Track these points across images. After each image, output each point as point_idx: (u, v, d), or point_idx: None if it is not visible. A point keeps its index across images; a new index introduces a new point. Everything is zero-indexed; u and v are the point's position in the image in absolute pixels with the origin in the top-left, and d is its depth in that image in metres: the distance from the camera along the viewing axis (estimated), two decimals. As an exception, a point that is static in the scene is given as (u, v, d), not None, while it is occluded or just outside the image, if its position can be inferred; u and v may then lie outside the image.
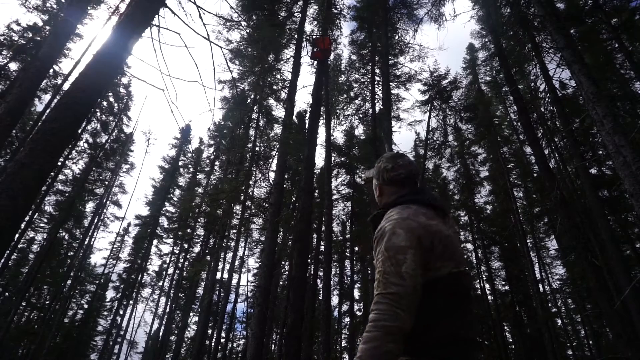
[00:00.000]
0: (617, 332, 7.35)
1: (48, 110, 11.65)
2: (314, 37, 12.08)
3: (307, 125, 11.07)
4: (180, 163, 28.57)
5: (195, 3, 4.39)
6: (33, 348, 20.35)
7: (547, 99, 11.40)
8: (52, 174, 16.74)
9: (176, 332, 24.10)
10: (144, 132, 31.90)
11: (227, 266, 19.46)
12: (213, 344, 18.58)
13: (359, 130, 20.56)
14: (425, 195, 1.45)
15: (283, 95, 13.79)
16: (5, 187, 2.60)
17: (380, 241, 1.29)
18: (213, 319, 19.11)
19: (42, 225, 22.94)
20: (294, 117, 12.96)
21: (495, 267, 21.14)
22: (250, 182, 14.74)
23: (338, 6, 14.16)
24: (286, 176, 13.30)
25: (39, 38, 14.86)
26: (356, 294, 23.15)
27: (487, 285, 20.17)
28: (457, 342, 1.20)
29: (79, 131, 18.98)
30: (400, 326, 1.12)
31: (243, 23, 12.02)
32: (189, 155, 28.48)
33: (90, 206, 25.13)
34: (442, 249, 1.27)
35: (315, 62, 11.81)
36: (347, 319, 22.60)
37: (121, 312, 26.82)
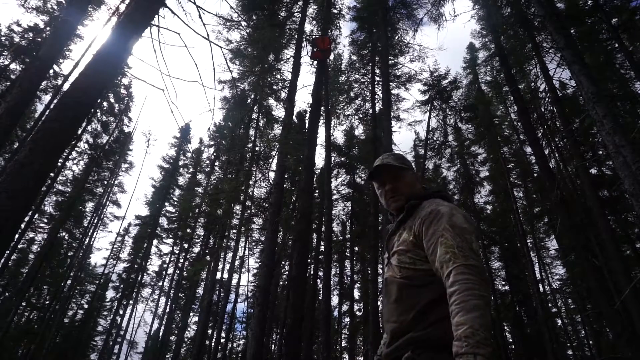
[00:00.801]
0: (617, 332, 7.35)
1: (48, 111, 11.65)
2: (313, 37, 12.09)
3: (307, 125, 11.07)
4: (180, 163, 28.58)
5: (195, 3, 4.39)
6: (33, 348, 20.35)
7: (547, 99, 11.40)
8: (52, 174, 16.77)
9: (176, 332, 24.10)
10: (144, 133, 31.91)
11: (227, 266, 19.47)
12: (213, 344, 18.58)
13: (359, 130, 20.59)
14: (450, 197, 1.53)
15: (283, 95, 13.80)
16: (5, 187, 2.60)
17: (435, 221, 1.30)
18: (213, 319, 19.11)
19: (42, 225, 22.95)
20: (294, 117, 12.97)
21: (495, 267, 21.14)
22: (250, 182, 14.74)
23: (338, 6, 14.18)
24: (286, 176, 13.30)
25: (39, 39, 14.87)
26: (356, 294, 23.16)
27: (487, 285, 20.13)
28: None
29: (80, 132, 18.99)
30: (490, 297, 1.12)
31: (243, 23, 12.03)
32: (189, 155, 28.49)
33: (89, 206, 25.15)
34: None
35: (315, 62, 11.81)
36: (347, 319, 22.61)
37: (121, 312, 26.83)
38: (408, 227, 1.40)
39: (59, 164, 18.12)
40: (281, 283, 21.60)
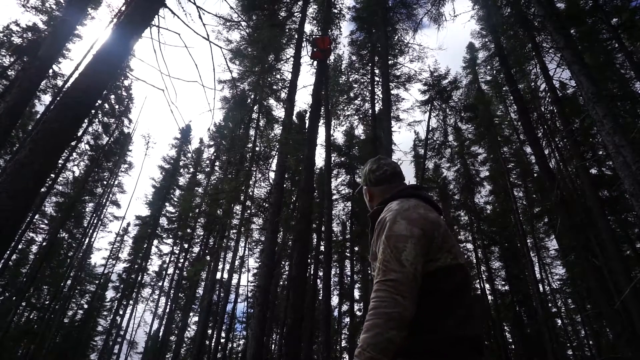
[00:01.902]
0: (617, 332, 7.35)
1: (48, 111, 11.65)
2: (313, 37, 12.08)
3: (307, 125, 11.06)
4: (180, 163, 28.59)
5: (195, 3, 4.39)
6: (33, 348, 20.34)
7: (547, 99, 11.41)
8: (52, 175, 16.77)
9: (176, 332, 24.09)
10: (143, 135, 31.91)
11: (227, 266, 19.47)
12: (213, 344, 18.58)
13: (359, 130, 20.59)
14: (423, 191, 1.48)
15: (283, 95, 13.80)
16: (5, 187, 2.60)
17: (381, 231, 1.30)
18: (213, 319, 19.11)
19: (42, 226, 22.96)
20: (294, 117, 12.96)
21: (495, 267, 21.14)
22: (250, 182, 14.74)
23: (338, 6, 14.17)
24: (286, 176, 13.30)
25: (38, 38, 14.86)
26: (356, 294, 23.15)
27: (487, 285, 20.17)
28: (457, 341, 1.16)
29: (81, 133, 18.99)
30: (401, 312, 1.10)
31: (243, 23, 12.03)
32: (189, 155, 28.49)
33: (89, 206, 25.16)
34: (441, 240, 1.28)
35: (315, 62, 11.80)
36: (347, 319, 22.60)
37: (121, 312, 26.83)
38: (373, 236, 1.44)
39: (60, 165, 18.11)
40: (281, 283, 21.60)
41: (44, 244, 22.05)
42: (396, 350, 1.15)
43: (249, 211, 16.92)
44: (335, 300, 21.60)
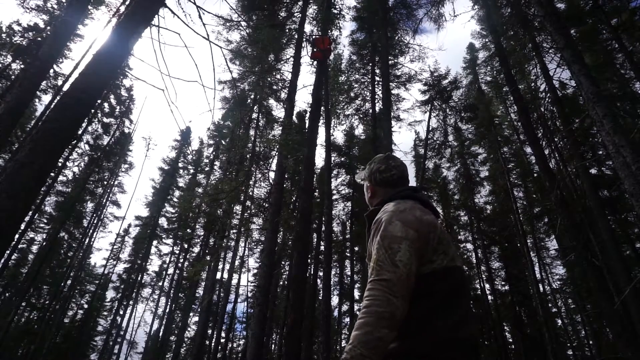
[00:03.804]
0: (617, 332, 7.35)
1: (48, 111, 11.64)
2: (313, 37, 12.07)
3: (307, 125, 11.06)
4: (180, 164, 28.59)
5: (195, 3, 4.39)
6: (33, 348, 20.35)
7: (547, 99, 11.40)
8: (52, 175, 16.77)
9: (176, 332, 24.10)
10: (144, 137, 31.91)
11: (227, 266, 19.47)
12: (213, 344, 18.58)
13: (359, 130, 20.59)
14: (420, 193, 1.50)
15: (283, 95, 13.79)
16: (5, 187, 2.60)
17: (376, 232, 1.31)
18: (213, 319, 19.11)
19: (42, 225, 22.96)
20: (294, 117, 12.95)
21: (495, 267, 21.13)
22: (250, 182, 14.74)
23: (338, 6, 14.16)
24: (286, 176, 13.30)
25: (39, 38, 14.87)
26: (356, 294, 23.13)
27: (487, 285, 20.18)
28: (452, 344, 1.16)
29: (80, 133, 19.00)
30: (393, 312, 1.10)
31: (243, 23, 12.03)
32: (189, 157, 28.49)
33: (89, 206, 25.16)
34: (437, 242, 1.28)
35: (315, 62, 11.79)
36: (347, 319, 22.59)
37: (121, 312, 26.84)
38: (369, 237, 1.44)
39: (60, 165, 18.12)
40: (281, 283, 21.60)
41: (44, 244, 22.06)
42: (390, 352, 1.15)
43: (249, 211, 16.92)
44: (335, 300, 21.62)
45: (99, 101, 18.76)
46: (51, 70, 14.71)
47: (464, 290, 1.29)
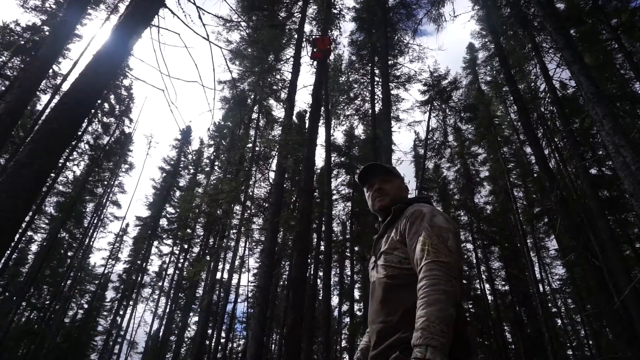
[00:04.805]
0: (617, 332, 7.35)
1: (48, 111, 11.63)
2: (313, 37, 12.07)
3: (307, 125, 11.06)
4: (181, 164, 28.59)
5: (194, 3, 4.39)
6: (33, 348, 20.34)
7: (547, 99, 11.39)
8: (52, 175, 16.77)
9: (176, 332, 24.09)
10: (145, 135, 31.92)
11: (227, 266, 19.47)
12: (213, 344, 18.57)
13: (359, 130, 20.59)
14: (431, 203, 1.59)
15: (283, 95, 13.79)
16: (5, 187, 2.60)
17: (418, 221, 1.35)
18: (213, 319, 19.10)
19: (42, 225, 22.96)
20: (294, 117, 12.96)
21: (495, 267, 21.13)
22: (250, 182, 14.73)
23: (337, 6, 14.17)
24: (286, 176, 13.30)
25: (38, 38, 14.86)
26: (356, 294, 23.12)
27: (487, 285, 20.17)
28: (459, 340, 1.17)
29: (80, 133, 19.00)
30: (455, 292, 1.12)
31: (243, 24, 12.02)
32: (190, 156, 28.49)
33: (90, 206, 25.16)
34: (461, 245, 1.36)
35: (315, 63, 11.80)
36: (347, 319, 22.58)
37: (121, 313, 26.84)
38: (395, 228, 1.44)
39: (60, 165, 18.12)
40: (281, 283, 21.60)
41: (44, 243, 22.05)
42: (405, 340, 1.16)
43: (249, 211, 16.92)
44: (335, 300, 21.61)
45: (99, 101, 18.76)
46: (51, 71, 14.71)
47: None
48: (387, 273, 1.37)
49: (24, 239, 21.88)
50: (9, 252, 16.39)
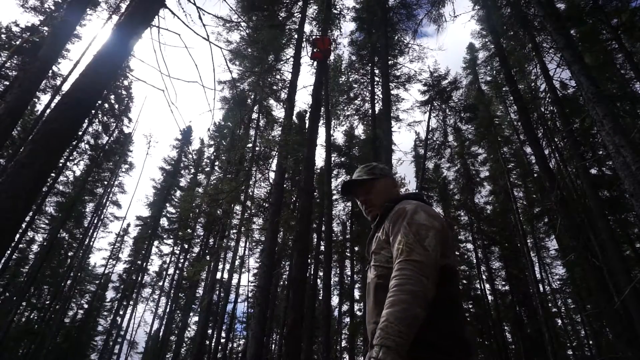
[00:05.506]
0: (617, 332, 7.35)
1: (48, 111, 11.63)
2: (313, 37, 12.07)
3: (307, 125, 11.06)
4: (181, 164, 28.60)
5: (195, 4, 4.39)
6: (33, 348, 20.34)
7: (547, 99, 11.39)
8: (52, 175, 16.78)
9: (176, 332, 24.10)
10: (145, 135, 31.96)
11: (227, 266, 19.48)
12: (213, 344, 18.57)
13: (359, 130, 20.59)
14: (424, 199, 1.55)
15: (283, 95, 13.79)
16: (5, 187, 2.60)
17: (399, 219, 1.34)
18: (213, 319, 19.11)
19: (42, 225, 22.96)
20: (294, 118, 12.95)
21: (495, 267, 21.14)
22: (250, 182, 14.74)
23: (337, 6, 14.16)
24: (286, 176, 13.30)
25: (38, 39, 14.86)
26: (356, 294, 23.13)
27: (487, 285, 20.17)
28: (458, 340, 1.19)
29: (81, 133, 19.00)
30: (426, 292, 1.11)
31: (243, 24, 12.02)
32: (190, 156, 28.50)
33: (90, 206, 25.17)
34: (450, 241, 1.33)
35: (315, 63, 11.79)
36: (347, 319, 22.58)
37: (121, 313, 26.85)
38: (382, 228, 1.44)
39: (60, 165, 18.12)
40: (281, 283, 21.59)
41: (44, 244, 22.06)
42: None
43: (249, 211, 16.92)
44: (335, 300, 21.62)
45: (99, 101, 18.76)
46: (50, 71, 14.71)
47: (459, 296, 1.34)
48: (377, 273, 1.37)
49: (24, 239, 21.88)
50: (9, 252, 16.40)
